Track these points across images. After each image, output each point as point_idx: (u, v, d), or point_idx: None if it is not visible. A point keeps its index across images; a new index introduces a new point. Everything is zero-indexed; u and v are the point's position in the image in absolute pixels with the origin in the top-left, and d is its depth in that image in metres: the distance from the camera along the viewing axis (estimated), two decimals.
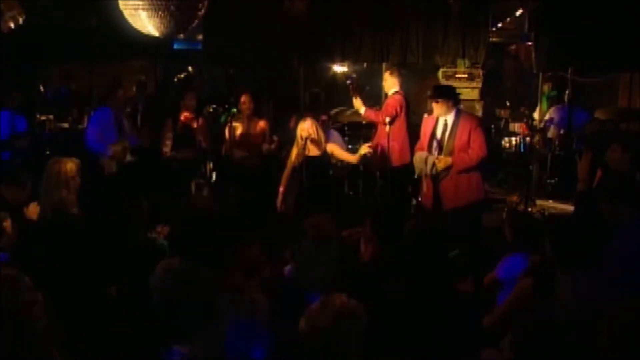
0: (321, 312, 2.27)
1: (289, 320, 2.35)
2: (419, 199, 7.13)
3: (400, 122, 7.28)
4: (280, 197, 6.47)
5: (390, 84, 7.44)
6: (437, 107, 6.09)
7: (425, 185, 6.21)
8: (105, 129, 7.17)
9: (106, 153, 6.99)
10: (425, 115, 6.68)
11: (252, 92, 7.32)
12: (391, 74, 7.50)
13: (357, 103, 7.36)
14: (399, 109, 7.19)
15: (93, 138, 7.14)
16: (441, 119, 6.10)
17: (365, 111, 7.37)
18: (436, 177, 6.05)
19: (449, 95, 6.15)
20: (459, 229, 5.90)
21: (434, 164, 5.99)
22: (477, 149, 5.96)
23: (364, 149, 6.34)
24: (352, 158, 6.54)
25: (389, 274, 3.29)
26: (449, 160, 5.96)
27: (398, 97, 7.30)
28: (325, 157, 6.36)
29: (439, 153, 6.05)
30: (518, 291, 3.39)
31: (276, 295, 2.93)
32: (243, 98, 7.19)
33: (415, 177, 6.33)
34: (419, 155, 6.14)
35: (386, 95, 7.59)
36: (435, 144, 6.09)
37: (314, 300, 2.66)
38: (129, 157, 7.06)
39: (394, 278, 3.19)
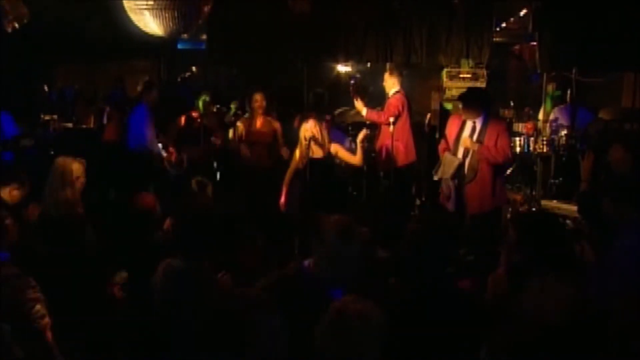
0: (332, 319, 2.26)
1: (312, 316, 2.35)
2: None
3: (403, 121, 7.33)
4: (283, 197, 6.47)
5: (390, 84, 7.52)
6: (467, 113, 6.04)
7: (446, 188, 6.16)
8: (143, 125, 7.48)
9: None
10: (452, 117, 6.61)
11: (264, 91, 7.41)
12: (391, 74, 7.58)
13: (359, 105, 7.40)
14: (401, 108, 7.26)
15: (134, 136, 7.35)
16: (469, 122, 6.08)
17: (367, 112, 7.40)
18: (460, 181, 6.02)
19: (480, 102, 6.10)
20: (481, 233, 5.87)
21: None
22: (501, 149, 5.94)
23: (362, 134, 6.27)
24: (355, 160, 6.43)
25: (392, 275, 3.30)
26: (475, 145, 5.90)
27: (399, 96, 7.36)
28: (329, 158, 6.33)
29: (466, 155, 6.02)
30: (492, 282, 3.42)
31: (298, 291, 2.94)
32: (256, 96, 7.25)
33: (436, 179, 6.22)
34: (451, 160, 6.04)
35: (387, 95, 7.61)
36: (461, 146, 6.06)
37: (336, 296, 2.67)
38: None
39: (397, 279, 3.20)
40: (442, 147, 6.29)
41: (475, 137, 6.00)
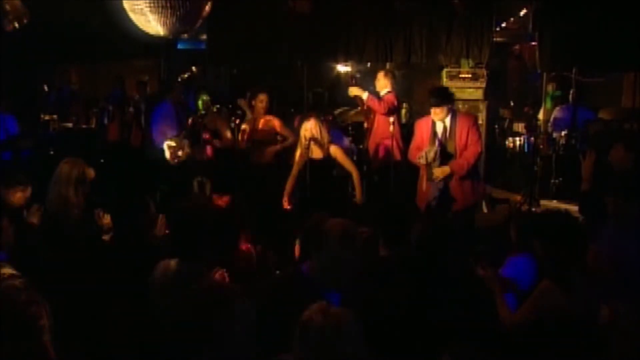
0: (300, 332, 2.23)
1: None
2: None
3: (398, 120, 7.45)
4: (286, 198, 6.45)
5: (383, 84, 7.60)
6: (440, 112, 6.04)
7: (425, 187, 6.21)
8: (166, 123, 7.36)
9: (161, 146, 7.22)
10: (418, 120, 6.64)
11: (268, 92, 7.43)
12: (385, 75, 7.65)
13: (358, 90, 7.50)
14: (396, 104, 7.35)
15: (156, 132, 7.34)
16: (439, 122, 6.10)
17: (369, 97, 7.47)
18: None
19: (450, 99, 6.21)
20: (462, 229, 5.91)
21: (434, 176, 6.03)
22: (472, 148, 6.02)
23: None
24: (353, 169, 6.40)
25: (400, 275, 3.29)
26: (447, 170, 5.98)
27: (392, 95, 7.44)
28: (329, 158, 6.29)
29: (442, 156, 6.04)
30: (539, 293, 3.35)
31: (296, 295, 2.93)
32: (261, 96, 7.27)
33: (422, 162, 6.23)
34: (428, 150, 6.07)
35: (379, 94, 7.67)
36: (436, 146, 6.08)
37: (334, 299, 2.66)
38: (186, 150, 7.20)
39: (403, 280, 3.19)
40: (413, 149, 6.28)
41: (447, 135, 6.06)
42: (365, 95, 7.50)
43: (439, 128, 6.11)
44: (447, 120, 6.07)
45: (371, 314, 2.54)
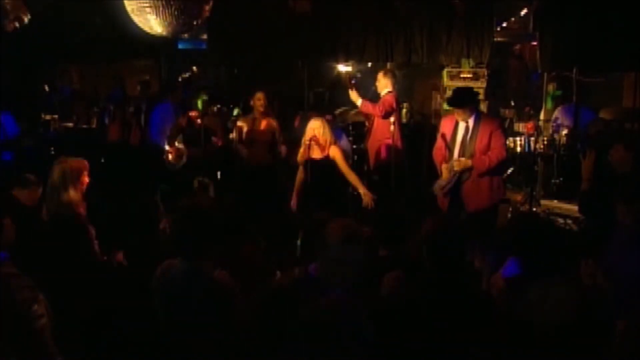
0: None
1: None
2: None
3: (398, 120, 7.46)
4: (294, 199, 6.44)
5: (383, 84, 7.60)
6: (462, 113, 5.97)
7: (444, 187, 6.17)
8: (166, 123, 7.36)
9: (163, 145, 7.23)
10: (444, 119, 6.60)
11: (266, 91, 7.43)
12: (384, 75, 7.65)
13: (354, 95, 7.49)
14: (395, 106, 7.35)
15: (155, 132, 7.34)
16: (462, 122, 6.03)
17: (362, 103, 7.49)
18: (457, 181, 6.01)
19: (474, 100, 6.12)
20: (479, 230, 5.85)
21: (452, 168, 5.95)
22: (497, 151, 5.93)
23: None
24: (349, 173, 6.28)
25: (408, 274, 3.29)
26: (468, 162, 5.92)
27: (393, 95, 7.44)
28: (328, 159, 6.27)
29: (461, 156, 6.01)
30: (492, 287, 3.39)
31: (303, 295, 2.94)
32: (259, 95, 7.27)
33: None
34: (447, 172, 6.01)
35: (379, 94, 7.67)
36: (457, 146, 6.04)
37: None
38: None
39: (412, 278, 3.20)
40: (436, 150, 6.24)
41: (468, 136, 5.99)
42: (359, 102, 7.50)
43: (462, 128, 6.05)
44: (471, 121, 5.97)
45: (374, 312, 2.54)
